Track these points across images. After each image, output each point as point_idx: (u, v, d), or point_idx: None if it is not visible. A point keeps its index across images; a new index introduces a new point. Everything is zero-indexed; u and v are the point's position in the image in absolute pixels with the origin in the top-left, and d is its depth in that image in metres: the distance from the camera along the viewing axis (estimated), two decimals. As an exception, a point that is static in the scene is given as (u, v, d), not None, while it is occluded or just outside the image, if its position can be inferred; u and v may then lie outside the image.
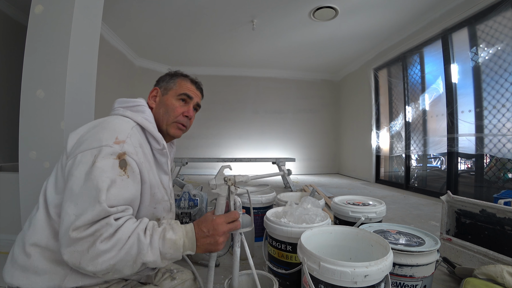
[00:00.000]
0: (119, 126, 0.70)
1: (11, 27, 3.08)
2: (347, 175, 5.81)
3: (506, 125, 2.51)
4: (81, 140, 0.67)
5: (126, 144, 0.67)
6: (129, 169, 0.66)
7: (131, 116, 0.77)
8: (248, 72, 5.95)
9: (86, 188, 0.59)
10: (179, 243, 0.64)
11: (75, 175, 0.61)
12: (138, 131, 0.75)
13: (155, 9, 3.40)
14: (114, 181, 0.61)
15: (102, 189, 0.58)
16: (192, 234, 0.67)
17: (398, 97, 4.24)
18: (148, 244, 0.60)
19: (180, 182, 1.67)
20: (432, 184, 3.60)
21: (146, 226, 0.63)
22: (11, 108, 2.98)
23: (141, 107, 0.82)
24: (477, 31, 2.83)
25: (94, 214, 0.56)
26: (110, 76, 4.13)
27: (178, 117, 0.88)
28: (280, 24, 3.79)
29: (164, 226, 0.66)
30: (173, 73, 0.94)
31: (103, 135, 0.66)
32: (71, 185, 0.60)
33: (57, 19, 1.34)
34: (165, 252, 0.62)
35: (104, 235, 0.56)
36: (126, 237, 0.59)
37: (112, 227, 0.58)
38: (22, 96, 1.33)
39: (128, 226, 0.60)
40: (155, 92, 0.90)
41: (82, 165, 0.61)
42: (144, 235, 0.61)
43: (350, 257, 0.98)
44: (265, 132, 6.06)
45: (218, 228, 0.70)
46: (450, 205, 1.50)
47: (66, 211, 0.58)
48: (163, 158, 0.81)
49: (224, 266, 1.41)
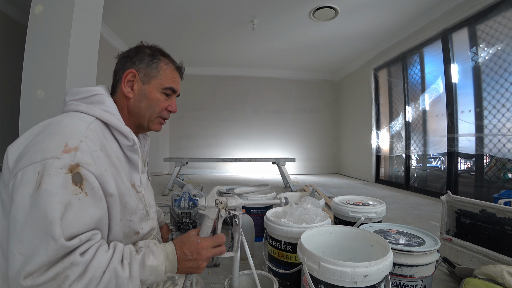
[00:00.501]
0: (70, 128, 0.57)
1: (11, 27, 3.08)
2: (347, 175, 5.81)
3: (506, 125, 2.51)
4: (23, 152, 0.53)
5: (80, 152, 0.53)
6: (86, 185, 0.52)
7: (86, 111, 0.63)
8: (248, 72, 5.96)
9: (32, 219, 0.46)
10: (161, 268, 0.57)
11: (17, 201, 0.47)
12: (98, 127, 0.62)
13: (155, 9, 3.40)
14: (68, 204, 0.48)
15: (54, 220, 0.46)
16: (174, 257, 0.61)
17: (398, 97, 4.24)
18: (127, 278, 0.51)
19: (180, 182, 1.67)
20: (432, 184, 3.60)
21: (122, 256, 0.54)
22: (11, 108, 2.98)
23: (99, 96, 0.67)
24: (477, 31, 2.83)
25: (49, 255, 0.44)
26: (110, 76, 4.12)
27: (162, 112, 0.77)
28: (280, 24, 3.79)
29: (143, 252, 0.57)
30: (152, 51, 0.77)
31: (49, 143, 0.52)
32: (13, 214, 0.47)
33: (57, 19, 1.34)
34: (146, 278, 0.55)
35: (72, 278, 0.45)
36: (101, 274, 0.48)
37: (79, 266, 0.46)
38: (22, 96, 1.33)
39: (100, 259, 0.49)
40: (131, 76, 0.73)
41: (23, 186, 0.48)
42: (122, 268, 0.51)
43: (350, 257, 0.98)
44: (265, 132, 6.07)
45: (202, 252, 0.63)
46: (450, 205, 1.50)
47: (10, 249, 0.45)
48: (135, 155, 0.69)
49: (224, 266, 1.41)
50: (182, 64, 0.83)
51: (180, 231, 1.48)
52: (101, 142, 0.61)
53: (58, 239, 0.45)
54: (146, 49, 0.76)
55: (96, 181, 0.54)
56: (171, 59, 0.79)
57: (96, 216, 0.53)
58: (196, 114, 5.89)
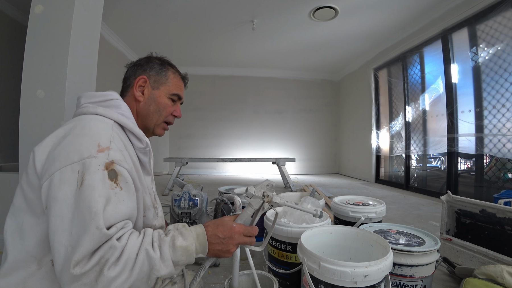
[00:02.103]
0: (97, 129, 0.61)
1: (11, 27, 3.08)
2: (347, 175, 5.81)
3: (506, 125, 2.51)
4: (54, 154, 0.56)
5: (112, 151, 0.58)
6: (121, 180, 0.57)
7: (104, 113, 0.66)
8: (248, 72, 5.96)
9: (78, 213, 0.51)
10: (191, 248, 0.60)
11: (61, 199, 0.52)
12: (118, 130, 0.66)
13: (155, 9, 3.40)
14: (108, 197, 0.54)
15: (98, 211, 0.51)
16: (204, 238, 0.63)
17: (398, 97, 4.24)
18: (159, 258, 0.55)
19: (180, 182, 1.67)
20: (432, 184, 3.60)
21: (152, 239, 0.57)
22: (11, 108, 2.98)
23: (115, 101, 0.71)
24: (477, 31, 2.83)
25: (94, 243, 0.50)
26: (110, 76, 4.13)
27: (167, 117, 0.83)
28: (280, 24, 3.79)
29: (172, 234, 0.60)
30: (161, 61, 0.84)
31: (82, 143, 0.57)
32: (58, 211, 0.51)
33: (57, 19, 1.33)
34: (178, 260, 0.58)
35: (111, 260, 0.50)
36: (134, 256, 0.53)
37: (117, 249, 0.51)
38: (22, 96, 1.32)
39: (133, 243, 0.54)
40: (142, 82, 0.79)
41: (65, 185, 0.52)
42: (152, 249, 0.55)
43: (350, 257, 0.98)
44: (265, 132, 6.07)
45: (235, 237, 0.65)
46: (450, 205, 1.50)
47: (59, 242, 0.50)
48: (146, 157, 0.73)
49: (224, 266, 1.41)
50: (186, 74, 0.91)
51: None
52: (124, 143, 0.65)
53: (101, 228, 0.50)
54: (155, 60, 0.84)
55: (129, 176, 0.60)
56: (177, 69, 0.87)
57: (129, 208, 0.59)
58: (196, 114, 5.89)
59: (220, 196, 1.60)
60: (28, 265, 0.56)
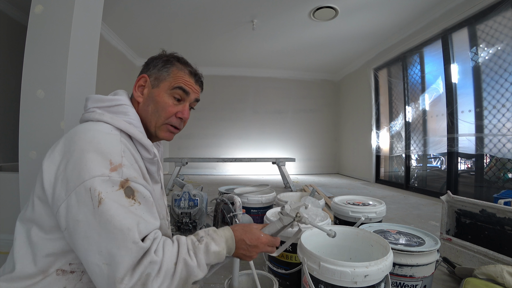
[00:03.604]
0: (107, 144, 0.58)
1: (11, 27, 3.08)
2: (347, 175, 5.81)
3: (506, 125, 2.51)
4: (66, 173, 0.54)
5: (125, 168, 0.57)
6: (138, 196, 0.57)
7: (111, 122, 0.63)
8: (248, 72, 5.96)
9: (105, 232, 0.51)
10: (223, 253, 0.63)
11: (82, 220, 0.51)
12: (126, 140, 0.63)
13: (155, 9, 3.40)
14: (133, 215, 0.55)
15: (131, 227, 0.52)
16: (232, 241, 0.66)
17: (398, 97, 4.24)
18: (196, 266, 0.57)
19: (180, 182, 1.67)
20: (432, 184, 3.60)
21: (187, 247, 0.59)
22: (11, 108, 2.98)
23: (123, 107, 0.67)
24: (477, 31, 2.83)
25: (133, 258, 0.50)
26: (110, 76, 4.13)
27: (169, 119, 0.73)
28: (280, 24, 3.79)
29: (205, 240, 0.62)
30: (168, 57, 0.75)
31: (92, 161, 0.54)
32: (83, 233, 0.51)
33: (57, 19, 1.33)
34: (210, 262, 0.61)
35: (153, 274, 0.52)
36: (173, 265, 0.55)
37: (156, 263, 0.53)
38: (22, 96, 1.32)
39: (170, 253, 0.56)
40: (142, 81, 0.73)
41: (83, 206, 0.52)
42: (190, 258, 0.57)
43: (350, 257, 0.98)
44: (265, 132, 6.07)
45: (259, 246, 0.68)
46: (450, 205, 1.50)
47: (92, 262, 0.51)
48: (154, 167, 0.70)
49: (224, 266, 1.41)
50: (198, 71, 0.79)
51: (180, 231, 1.48)
52: (133, 155, 0.63)
53: (138, 242, 0.51)
54: (163, 56, 0.76)
55: (146, 190, 0.60)
56: (188, 65, 0.77)
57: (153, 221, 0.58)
58: (196, 114, 5.89)
59: (220, 196, 1.60)
60: (34, 276, 0.56)
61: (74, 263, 0.58)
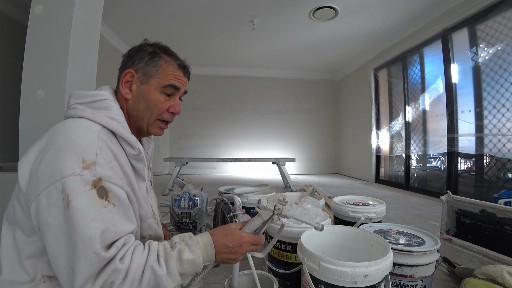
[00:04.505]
0: (81, 142, 0.55)
1: (11, 27, 3.08)
2: (347, 175, 5.81)
3: (506, 125, 2.51)
4: (37, 172, 0.52)
5: (99, 166, 0.53)
6: (111, 197, 0.54)
7: (92, 117, 0.61)
8: (248, 72, 5.96)
9: (71, 238, 0.49)
10: (199, 260, 0.58)
11: (52, 223, 0.50)
12: (106, 136, 0.60)
13: (155, 9, 3.40)
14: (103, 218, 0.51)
15: (93, 237, 0.48)
16: (211, 248, 0.61)
17: (398, 97, 4.24)
18: (165, 275, 0.54)
19: (180, 182, 1.67)
20: (432, 184, 3.60)
21: (158, 254, 0.55)
22: (11, 108, 2.98)
23: (105, 102, 0.64)
24: (477, 31, 2.83)
25: (92, 268, 0.48)
26: (110, 76, 4.12)
27: (162, 114, 0.73)
28: (280, 24, 3.79)
29: (178, 247, 0.58)
30: (153, 49, 0.72)
31: (65, 160, 0.51)
32: (53, 235, 0.50)
33: (57, 19, 1.33)
34: (184, 272, 0.57)
35: (117, 283, 0.49)
36: (140, 273, 0.52)
37: (121, 271, 0.50)
38: (22, 96, 1.32)
39: (138, 260, 0.52)
40: (129, 76, 0.70)
41: (53, 208, 0.50)
42: (159, 266, 0.54)
43: (350, 257, 0.98)
44: (265, 132, 6.07)
45: (244, 246, 0.64)
46: (450, 205, 1.50)
47: (61, 265, 0.50)
48: (140, 164, 0.67)
49: (224, 266, 1.41)
50: (186, 62, 0.77)
51: (180, 231, 1.48)
52: (113, 152, 0.60)
53: (99, 253, 0.48)
54: (147, 47, 0.72)
55: (121, 191, 0.57)
56: (175, 57, 0.75)
57: (127, 225, 0.56)
58: (196, 114, 5.89)
59: (220, 196, 1.60)
60: (22, 282, 0.54)
61: None
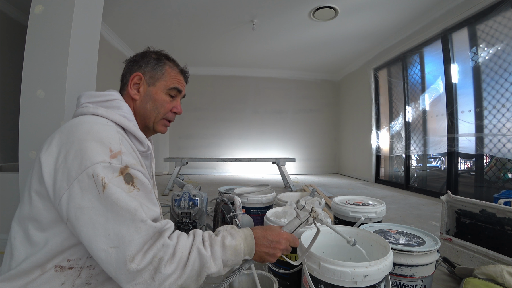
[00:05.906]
0: (105, 133, 0.59)
1: (11, 27, 3.08)
2: (347, 175, 5.81)
3: (506, 125, 2.51)
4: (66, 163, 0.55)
5: (124, 155, 0.58)
6: (136, 182, 0.58)
7: (105, 115, 0.65)
8: (248, 72, 5.96)
9: (112, 215, 0.51)
10: (240, 248, 0.62)
11: (87, 206, 0.52)
12: (121, 132, 0.65)
13: (155, 9, 3.40)
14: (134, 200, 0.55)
15: (137, 207, 0.53)
16: (251, 239, 0.65)
17: (398, 97, 4.24)
18: (210, 256, 0.57)
19: (180, 182, 1.67)
20: (432, 184, 3.60)
21: (202, 238, 0.60)
22: (11, 108, 2.98)
23: (116, 101, 0.70)
24: (477, 31, 2.83)
25: (143, 236, 0.51)
26: (110, 76, 4.13)
27: (167, 114, 0.81)
28: (280, 24, 3.79)
29: (222, 234, 0.63)
30: (158, 55, 0.81)
31: (92, 149, 0.55)
32: (88, 219, 0.51)
33: (57, 19, 1.33)
34: (227, 259, 0.60)
35: (166, 258, 0.52)
36: (187, 254, 0.56)
37: (169, 247, 0.53)
38: (22, 96, 1.32)
39: (184, 242, 0.57)
40: (137, 79, 0.77)
41: (87, 192, 0.52)
42: (204, 248, 0.58)
43: (350, 257, 0.98)
44: (265, 132, 6.07)
45: (282, 242, 0.67)
46: (450, 205, 1.50)
47: (98, 248, 0.51)
48: (147, 161, 0.73)
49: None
50: (186, 68, 0.87)
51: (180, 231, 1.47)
52: (130, 145, 0.65)
53: (146, 220, 0.53)
54: (152, 54, 0.81)
55: (144, 177, 0.60)
56: (176, 63, 0.84)
57: (153, 208, 0.59)
58: (196, 114, 5.89)
59: (220, 196, 1.60)
60: (32, 272, 0.56)
61: (72, 259, 0.58)
